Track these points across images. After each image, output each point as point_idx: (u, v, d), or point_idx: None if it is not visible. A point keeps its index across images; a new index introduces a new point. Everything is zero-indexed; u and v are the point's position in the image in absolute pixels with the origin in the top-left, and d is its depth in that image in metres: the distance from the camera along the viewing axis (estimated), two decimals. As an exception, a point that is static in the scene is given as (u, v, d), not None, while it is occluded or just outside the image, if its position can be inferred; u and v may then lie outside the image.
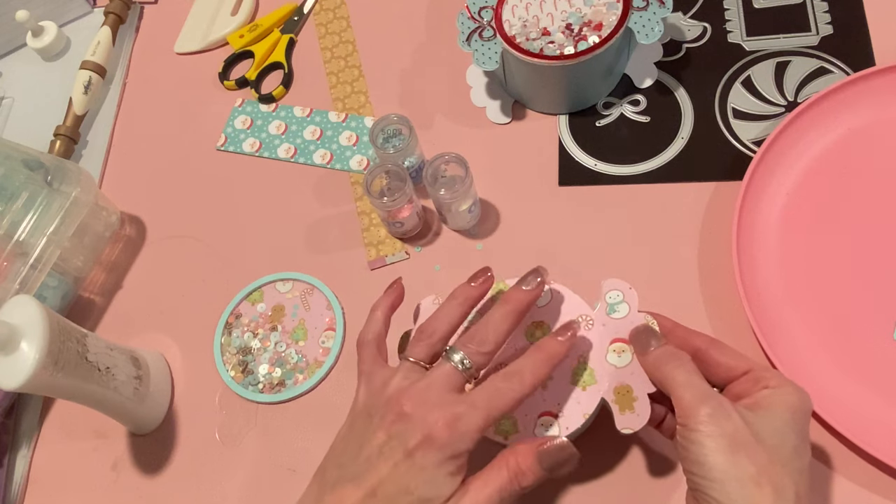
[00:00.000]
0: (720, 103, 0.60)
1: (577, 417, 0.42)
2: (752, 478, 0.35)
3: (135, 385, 0.54)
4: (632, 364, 0.42)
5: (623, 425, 0.41)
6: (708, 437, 0.36)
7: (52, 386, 0.47)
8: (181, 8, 0.77)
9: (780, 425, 0.36)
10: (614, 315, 0.43)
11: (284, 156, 0.67)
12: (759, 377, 0.38)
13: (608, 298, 0.44)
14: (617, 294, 0.44)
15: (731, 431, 0.36)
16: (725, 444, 0.35)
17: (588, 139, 0.61)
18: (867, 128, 0.55)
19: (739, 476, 0.35)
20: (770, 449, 0.36)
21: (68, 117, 0.71)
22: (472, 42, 0.58)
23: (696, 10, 0.64)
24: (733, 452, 0.35)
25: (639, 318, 0.43)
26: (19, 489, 0.57)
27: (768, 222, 0.54)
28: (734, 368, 0.40)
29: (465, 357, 0.39)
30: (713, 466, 0.35)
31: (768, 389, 0.38)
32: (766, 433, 0.36)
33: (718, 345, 0.41)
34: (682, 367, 0.39)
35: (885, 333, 0.49)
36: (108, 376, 0.51)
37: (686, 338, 0.42)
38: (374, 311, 0.45)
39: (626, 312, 0.43)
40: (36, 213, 0.58)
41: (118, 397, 0.52)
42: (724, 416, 0.36)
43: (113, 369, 0.51)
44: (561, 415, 0.42)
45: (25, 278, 0.57)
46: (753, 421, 0.36)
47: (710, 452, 0.35)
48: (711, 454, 0.35)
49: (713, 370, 0.40)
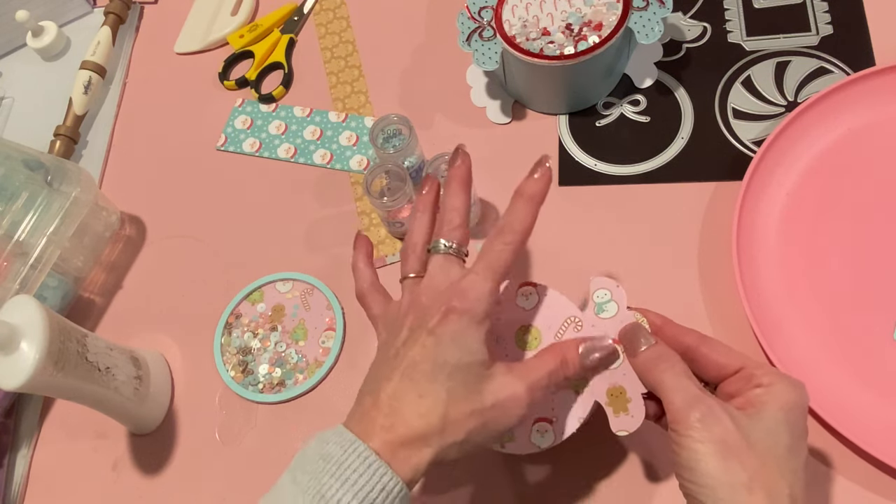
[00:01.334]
0: (720, 103, 0.60)
1: (573, 422, 0.42)
2: (744, 484, 0.34)
3: (135, 385, 0.54)
4: (624, 365, 0.41)
5: (618, 428, 0.41)
6: (698, 442, 0.35)
7: (52, 386, 0.47)
8: (181, 8, 0.77)
9: (772, 426, 0.36)
10: (603, 315, 0.42)
11: (284, 156, 0.67)
12: (751, 375, 0.38)
13: (596, 298, 0.43)
14: (605, 293, 0.42)
15: (722, 436, 0.35)
16: (716, 450, 0.35)
17: (588, 139, 0.61)
18: (867, 128, 0.55)
19: (731, 482, 0.34)
20: (762, 451, 0.35)
21: (68, 117, 0.71)
22: (472, 42, 0.58)
23: (696, 10, 0.64)
24: (724, 458, 0.34)
25: (628, 317, 0.42)
26: (19, 489, 0.57)
27: (768, 222, 0.54)
28: (726, 366, 0.39)
29: (444, 241, 0.41)
30: (704, 472, 0.35)
31: (760, 388, 0.37)
32: (758, 435, 0.35)
33: (710, 341, 0.40)
34: (671, 369, 0.38)
35: (885, 333, 0.49)
36: (108, 376, 0.51)
37: (676, 335, 0.41)
38: (356, 265, 0.47)
39: (615, 312, 0.42)
40: (36, 213, 0.58)
41: (118, 397, 0.52)
42: (714, 421, 0.35)
43: (113, 369, 0.51)
44: (556, 420, 0.42)
45: (25, 278, 0.57)
46: (745, 423, 0.36)
47: (701, 458, 0.35)
48: (702, 460, 0.35)
49: (705, 368, 0.40)
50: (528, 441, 0.42)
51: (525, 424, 0.42)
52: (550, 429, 0.42)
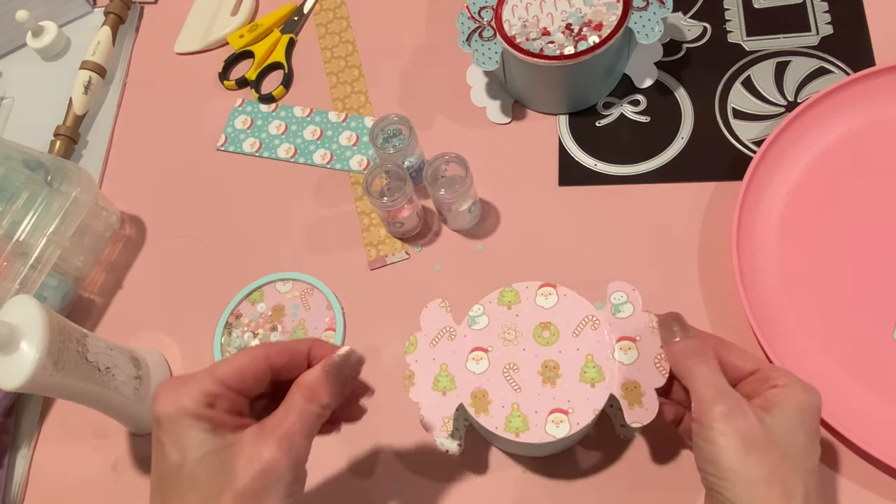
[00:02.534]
0: (720, 103, 0.60)
1: (588, 413, 0.43)
2: (765, 478, 0.35)
3: (135, 385, 0.54)
4: (638, 360, 0.43)
5: (633, 419, 0.42)
6: (722, 435, 0.36)
7: (52, 386, 0.47)
8: (181, 8, 0.77)
9: (790, 424, 0.37)
10: (619, 315, 0.44)
11: (284, 156, 0.67)
12: (768, 376, 0.39)
13: (613, 299, 0.45)
14: (621, 295, 0.45)
15: (745, 431, 0.36)
16: (739, 444, 0.35)
17: (588, 139, 0.61)
18: (867, 128, 0.55)
19: (752, 476, 0.35)
20: (781, 449, 0.36)
21: (68, 117, 0.71)
22: (472, 42, 0.58)
23: (696, 10, 0.64)
24: (746, 452, 0.35)
25: (644, 318, 0.44)
26: (19, 489, 0.57)
27: (768, 222, 0.54)
28: (741, 368, 0.40)
29: None
30: (726, 466, 0.35)
31: (777, 388, 0.38)
32: (778, 433, 0.36)
33: (727, 345, 0.41)
34: (706, 363, 0.39)
35: (885, 333, 0.49)
36: (108, 376, 0.51)
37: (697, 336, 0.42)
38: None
39: (631, 312, 0.44)
40: (36, 213, 0.58)
41: (118, 397, 0.52)
42: (739, 416, 0.36)
43: (113, 369, 0.51)
44: (571, 411, 0.43)
45: (25, 278, 0.57)
46: (766, 421, 0.36)
47: (723, 451, 0.35)
48: (724, 453, 0.35)
49: (722, 369, 0.40)
50: (543, 431, 0.43)
51: (540, 415, 0.43)
52: (566, 419, 0.43)
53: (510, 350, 0.45)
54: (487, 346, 0.45)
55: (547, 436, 0.42)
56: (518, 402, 0.43)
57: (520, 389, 0.44)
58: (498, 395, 0.44)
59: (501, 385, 0.44)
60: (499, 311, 0.46)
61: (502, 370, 0.44)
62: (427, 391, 0.45)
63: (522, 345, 0.45)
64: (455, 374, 0.45)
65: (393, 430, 0.53)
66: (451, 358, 0.45)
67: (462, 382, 0.45)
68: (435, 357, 0.46)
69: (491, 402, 0.44)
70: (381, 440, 0.53)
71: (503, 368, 0.44)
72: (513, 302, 0.46)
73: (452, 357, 0.45)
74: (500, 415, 0.43)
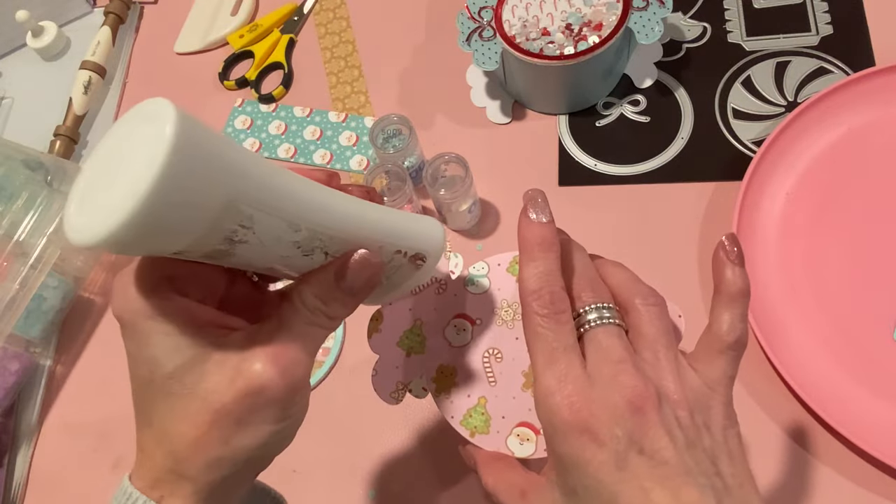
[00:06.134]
0: (720, 103, 0.60)
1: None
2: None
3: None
4: None
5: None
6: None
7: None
8: (181, 8, 0.77)
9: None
10: None
11: (284, 156, 0.67)
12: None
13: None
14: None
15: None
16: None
17: (588, 139, 0.61)
18: (867, 128, 0.55)
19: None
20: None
21: (68, 117, 0.71)
22: (472, 42, 0.58)
23: (696, 10, 0.64)
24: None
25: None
26: (19, 489, 0.57)
27: (768, 222, 0.54)
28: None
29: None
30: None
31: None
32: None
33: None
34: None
35: (885, 333, 0.49)
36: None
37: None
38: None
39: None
40: (36, 213, 0.58)
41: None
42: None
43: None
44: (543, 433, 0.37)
45: (25, 278, 0.57)
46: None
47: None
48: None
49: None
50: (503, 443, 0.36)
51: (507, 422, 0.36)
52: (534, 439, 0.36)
53: (501, 332, 0.37)
54: (476, 318, 0.37)
55: (506, 449, 0.36)
56: (487, 397, 0.36)
57: (495, 383, 0.36)
58: (466, 380, 0.36)
59: (476, 370, 0.36)
60: (505, 278, 0.38)
61: (483, 353, 0.37)
62: (391, 345, 0.38)
63: (518, 332, 0.37)
64: (428, 336, 0.38)
65: (393, 429, 0.53)
66: (431, 316, 0.38)
67: (433, 348, 0.37)
68: (412, 307, 0.38)
69: (456, 386, 0.36)
70: (377, 439, 0.53)
71: (485, 351, 0.37)
72: None
73: (433, 315, 0.38)
74: (461, 404, 0.36)
